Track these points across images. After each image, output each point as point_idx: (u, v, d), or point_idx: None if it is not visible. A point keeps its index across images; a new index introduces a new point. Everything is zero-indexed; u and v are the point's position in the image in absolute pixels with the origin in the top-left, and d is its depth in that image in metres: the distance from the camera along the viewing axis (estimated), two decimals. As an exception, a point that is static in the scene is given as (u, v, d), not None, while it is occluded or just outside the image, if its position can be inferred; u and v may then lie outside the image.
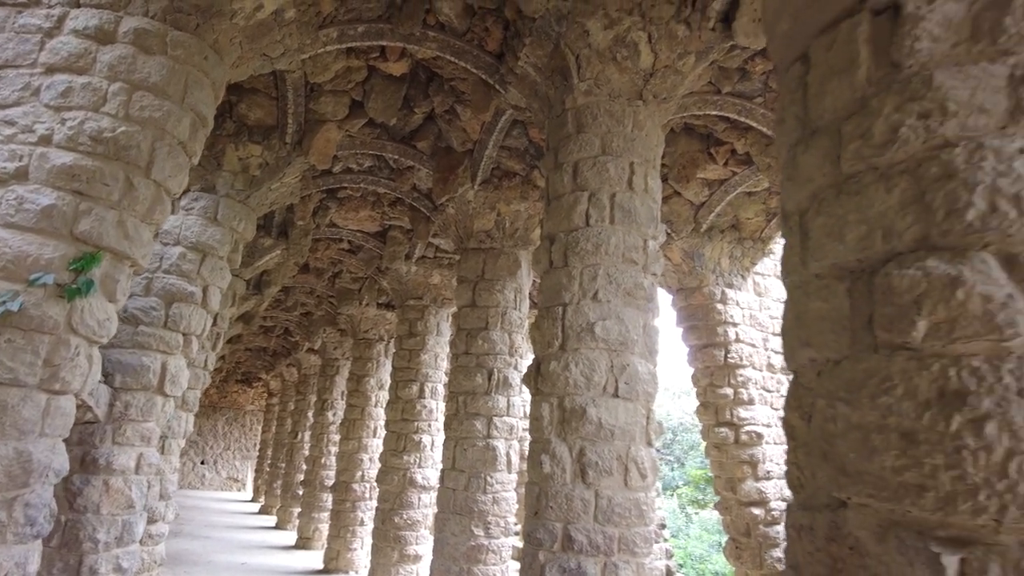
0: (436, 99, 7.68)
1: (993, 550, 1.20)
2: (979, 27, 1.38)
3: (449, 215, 9.26)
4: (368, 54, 6.89)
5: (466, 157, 8.51)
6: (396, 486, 10.47)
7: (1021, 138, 1.29)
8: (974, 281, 1.28)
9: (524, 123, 7.99)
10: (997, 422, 1.21)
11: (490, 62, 6.38)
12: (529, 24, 5.52)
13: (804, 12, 1.76)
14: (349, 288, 14.36)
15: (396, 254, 11.68)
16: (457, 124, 8.10)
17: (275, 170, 7.64)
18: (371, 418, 13.90)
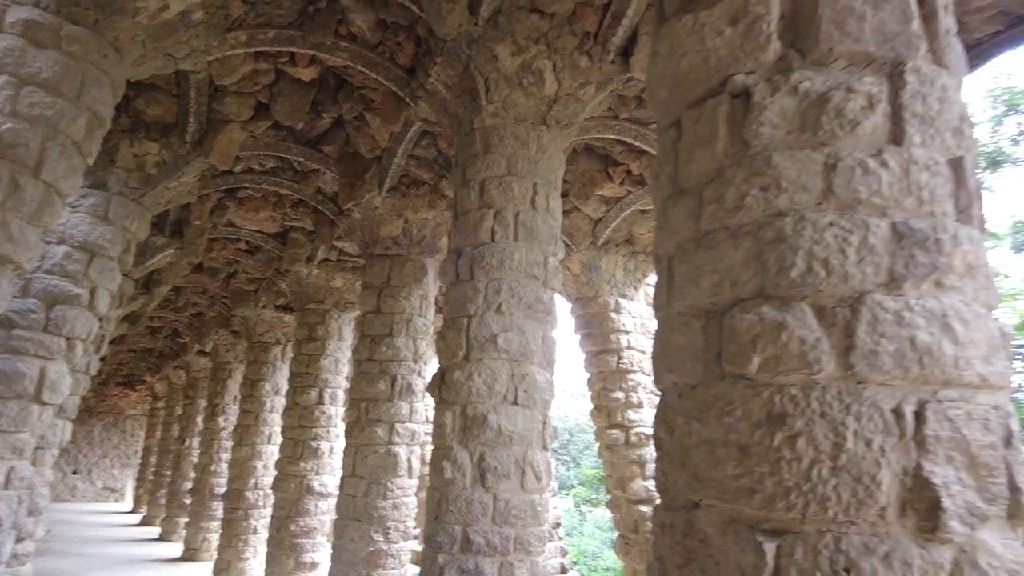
0: (345, 106, 7.70)
1: (799, 537, 1.54)
2: (805, 121, 1.73)
3: (355, 220, 9.25)
4: (277, 58, 6.83)
5: (374, 164, 8.56)
6: (292, 493, 10.30)
7: (831, 213, 1.65)
8: (794, 326, 1.61)
9: (433, 134, 8.16)
10: (805, 438, 1.55)
11: (401, 76, 6.51)
12: (441, 44, 5.71)
13: (679, 86, 2.08)
14: (245, 289, 13.91)
15: (297, 256, 11.47)
16: (366, 131, 8.14)
17: (173, 169, 7.38)
18: (266, 424, 13.52)
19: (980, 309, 1.64)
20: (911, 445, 1.50)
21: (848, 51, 1.74)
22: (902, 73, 1.72)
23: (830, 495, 1.50)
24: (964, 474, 1.50)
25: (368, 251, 9.25)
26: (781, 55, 1.81)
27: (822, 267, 1.61)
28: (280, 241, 11.35)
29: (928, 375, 1.54)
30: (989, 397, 1.60)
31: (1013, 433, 1.60)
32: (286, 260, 11.38)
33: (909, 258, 1.58)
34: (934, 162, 1.67)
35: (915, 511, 1.48)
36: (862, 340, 1.55)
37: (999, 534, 1.52)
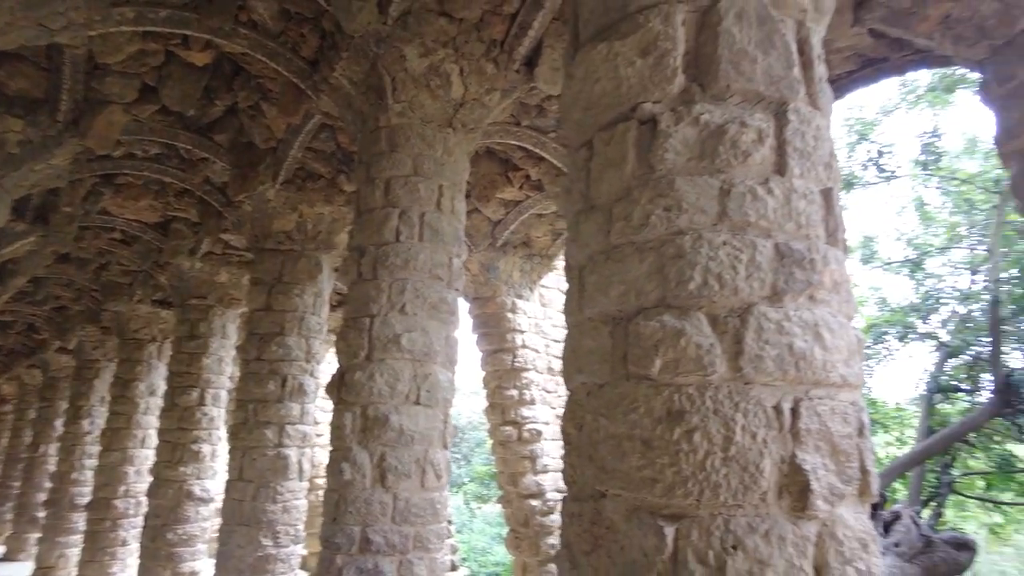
0: (241, 94, 7.39)
1: (695, 521, 1.73)
2: (704, 150, 1.94)
3: (245, 212, 8.88)
4: (168, 39, 6.44)
5: (269, 155, 8.25)
6: (170, 500, 9.70)
7: (724, 233, 1.86)
8: (691, 333, 1.81)
9: (333, 127, 7.99)
10: (701, 432, 1.75)
11: (303, 68, 6.35)
12: (348, 40, 5.63)
13: (592, 108, 2.24)
14: (118, 282, 12.91)
15: (179, 248, 10.82)
16: (261, 121, 7.84)
17: (41, 150, 6.77)
18: (139, 427, 12.62)
19: (843, 319, 1.92)
20: (788, 437, 1.74)
21: (742, 89, 1.97)
22: (786, 112, 1.97)
23: (721, 482, 1.71)
24: (828, 460, 1.76)
25: (259, 245, 8.90)
26: (685, 88, 2.02)
27: (716, 281, 1.82)
28: (161, 232, 10.65)
29: (803, 376, 1.79)
30: (848, 395, 1.87)
31: (865, 424, 1.88)
32: (167, 252, 10.70)
33: (789, 275, 1.82)
34: (810, 191, 1.93)
35: (790, 494, 1.72)
36: (749, 346, 1.77)
37: (852, 509, 1.79)
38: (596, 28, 2.27)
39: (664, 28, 2.04)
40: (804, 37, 2.11)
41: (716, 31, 2.00)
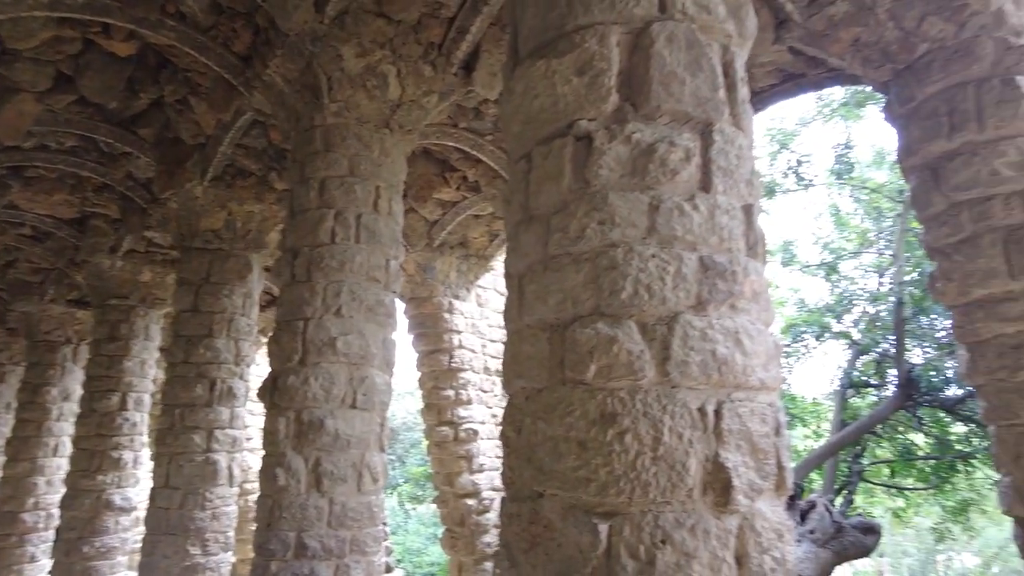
0: (168, 87, 7.11)
1: (627, 518, 1.84)
2: (636, 167, 2.05)
3: (171, 209, 8.55)
4: (87, 27, 6.13)
5: (197, 151, 7.98)
6: (87, 511, 9.23)
7: (654, 247, 1.98)
8: (623, 340, 1.92)
9: (265, 124, 7.80)
10: (632, 434, 1.86)
11: (235, 63, 6.18)
12: (282, 37, 5.53)
13: (531, 123, 2.32)
14: (28, 280, 12.16)
15: (98, 246, 10.30)
16: (189, 116, 7.57)
17: (-58, 140, 6.33)
18: (51, 434, 11.92)
19: (762, 327, 2.07)
20: (712, 437, 1.87)
21: (671, 109, 2.09)
22: (711, 132, 2.10)
23: (651, 481, 1.82)
24: (748, 458, 1.90)
25: (185, 244, 8.59)
26: (618, 107, 2.12)
27: (646, 291, 1.93)
28: (77, 228, 10.11)
29: (725, 380, 1.92)
30: (766, 396, 2.02)
31: (781, 424, 2.04)
32: (84, 250, 10.16)
33: (712, 286, 1.95)
34: (732, 207, 2.07)
35: (713, 490, 1.85)
36: (676, 352, 1.89)
37: (769, 503, 1.94)
38: (535, 44, 2.35)
39: (599, 49, 2.14)
40: (729, 60, 2.26)
41: (648, 53, 2.11)
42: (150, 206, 8.69)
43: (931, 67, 5.24)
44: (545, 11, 2.32)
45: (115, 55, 6.57)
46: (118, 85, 6.86)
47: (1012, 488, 4.84)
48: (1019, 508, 4.79)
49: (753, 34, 2.40)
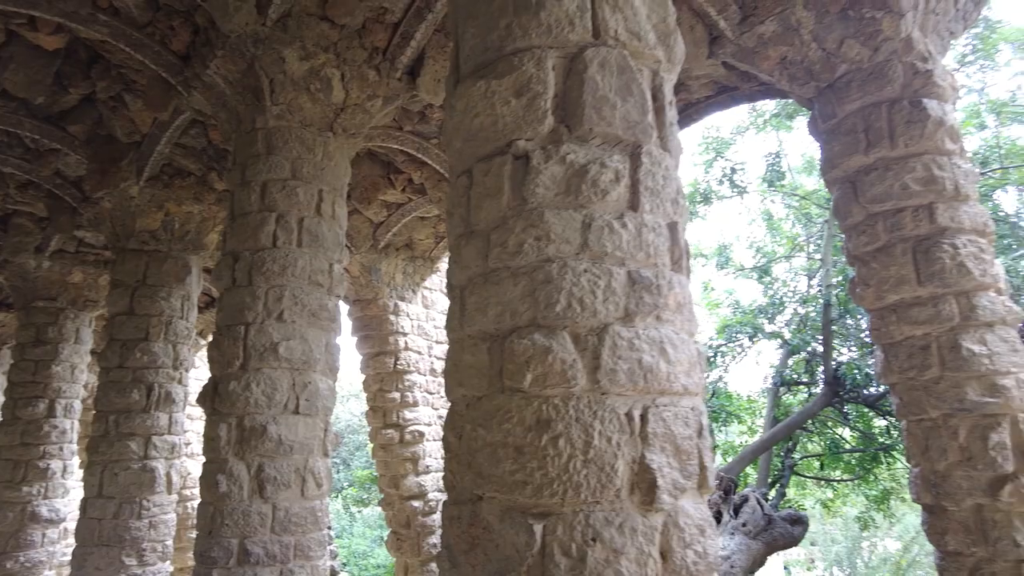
0: (100, 84, 6.88)
1: (560, 518, 1.96)
2: (569, 186, 2.17)
3: (104, 209, 8.27)
4: (10, 18, 5.89)
5: (132, 149, 7.75)
6: (11, 524, 8.81)
7: (586, 262, 2.11)
8: (558, 350, 2.04)
9: (204, 123, 7.64)
10: (565, 438, 1.98)
11: (173, 62, 6.05)
12: (223, 38, 5.45)
13: (472, 140, 2.42)
14: (-56, 281, 11.50)
15: (23, 245, 9.85)
16: (124, 113, 7.35)
17: None
18: (-30, 443, 11.31)
19: (685, 336, 2.22)
20: (638, 440, 2.01)
21: (603, 132, 2.23)
22: (640, 154, 2.25)
23: (582, 482, 1.95)
24: (672, 459, 2.04)
25: (120, 245, 8.32)
26: (554, 128, 2.24)
27: (579, 304, 2.06)
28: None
29: (650, 387, 2.06)
30: (689, 401, 2.18)
31: (704, 426, 2.20)
32: (7, 249, 9.69)
33: (639, 299, 2.09)
34: (658, 225, 2.22)
35: (640, 490, 1.99)
36: (605, 361, 2.02)
37: (692, 501, 2.09)
38: (475, 64, 2.45)
39: (536, 72, 2.25)
40: (658, 85, 2.41)
41: (582, 78, 2.24)
42: (81, 205, 8.37)
43: (850, 86, 5.59)
44: (485, 32, 2.42)
45: (41, 48, 6.32)
46: (45, 79, 6.60)
47: (920, 478, 5.22)
48: (926, 496, 5.17)
49: (681, 59, 2.56)
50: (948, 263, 5.12)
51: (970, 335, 5.06)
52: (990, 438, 4.89)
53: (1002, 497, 4.78)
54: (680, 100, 7.57)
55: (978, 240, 5.22)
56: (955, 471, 5.00)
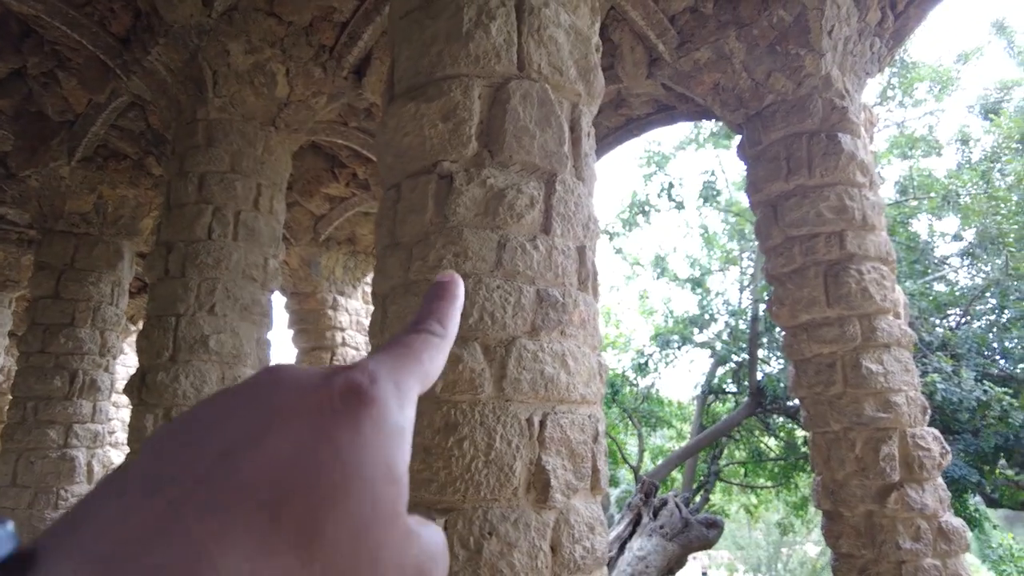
0: (32, 59, 6.67)
1: (461, 513, 2.13)
2: (488, 208, 2.34)
3: (31, 187, 8.00)
4: (-62, -12, 5.67)
5: (64, 128, 7.53)
6: (-86, 510, 8.41)
7: (499, 279, 2.28)
8: (468, 359, 2.21)
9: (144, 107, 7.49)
10: (469, 440, 2.15)
11: (112, 44, 5.94)
12: (166, 25, 5.40)
13: (401, 157, 2.56)
14: None
15: (-61, 220, 9.40)
16: (57, 91, 7.14)
17: None
18: None
19: (587, 350, 2.42)
20: (536, 443, 2.19)
21: (522, 160, 2.40)
22: (554, 182, 2.43)
23: (483, 481, 2.12)
24: (566, 462, 2.24)
25: (47, 226, 8.07)
26: (477, 152, 2.41)
27: (490, 318, 2.23)
28: (-86, 200, 9.15)
29: (550, 395, 2.25)
30: (587, 409, 2.38)
31: (599, 432, 2.40)
32: (-79, 224, 9.23)
33: (545, 315, 2.28)
34: (568, 248, 2.41)
35: (535, 489, 2.17)
36: (511, 371, 2.20)
37: (584, 501, 2.29)
38: (408, 85, 2.59)
39: (463, 99, 2.41)
40: (576, 118, 2.61)
41: (505, 108, 2.41)
42: (5, 182, 8.06)
43: (775, 116, 5.96)
44: (418, 55, 2.56)
45: (-27, 21, 6.10)
46: (-26, 53, 6.37)
47: (821, 486, 5.62)
48: (826, 503, 5.57)
49: (601, 93, 2.76)
50: (854, 287, 5.52)
51: (870, 355, 5.47)
52: (881, 450, 5.31)
53: (888, 504, 5.20)
54: (622, 115, 7.87)
55: (881, 267, 5.65)
56: (851, 480, 5.40)
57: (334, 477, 0.26)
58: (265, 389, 0.29)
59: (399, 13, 2.78)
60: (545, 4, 2.57)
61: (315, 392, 0.29)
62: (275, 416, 0.28)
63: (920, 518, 5.10)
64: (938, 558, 5.07)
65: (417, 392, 0.32)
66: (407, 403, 0.31)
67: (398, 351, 0.33)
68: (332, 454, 0.27)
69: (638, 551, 7.40)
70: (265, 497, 0.25)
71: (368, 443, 0.27)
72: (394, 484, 0.28)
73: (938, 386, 8.19)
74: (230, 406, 0.29)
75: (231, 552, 0.24)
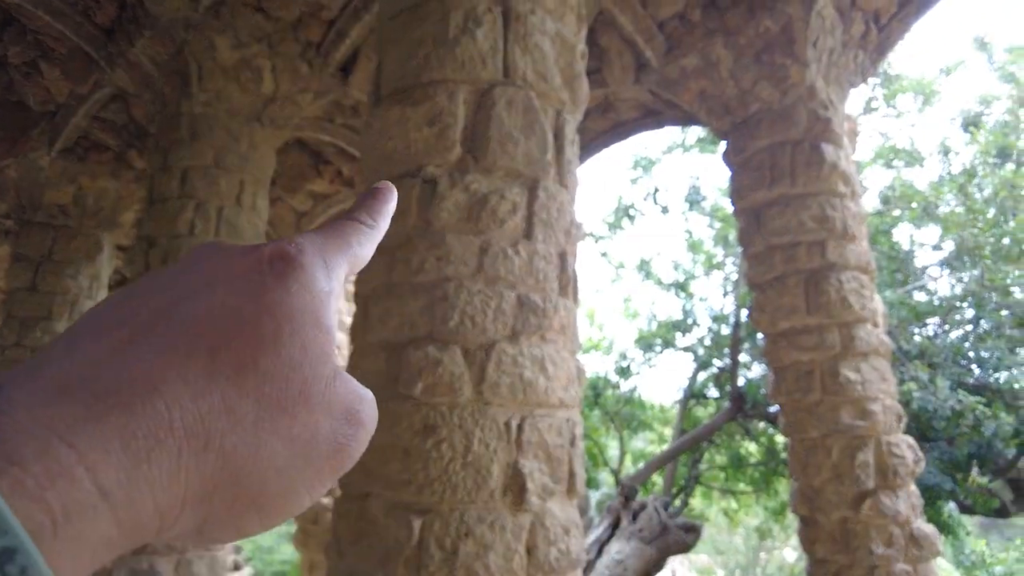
0: (13, 48, 6.58)
1: (438, 514, 2.14)
2: (471, 213, 2.36)
3: (9, 178, 7.89)
4: (-82, -26, 5.59)
5: (45, 119, 7.43)
6: None
7: (480, 284, 2.30)
8: (448, 362, 2.22)
9: (127, 99, 7.41)
10: (448, 443, 2.16)
11: (96, 35, 5.88)
12: (152, 18, 5.35)
13: (386, 160, 2.57)
14: None
15: (-85, 208, 9.22)
16: (39, 81, 7.05)
17: None
18: None
19: (566, 355, 2.44)
20: (513, 447, 2.21)
21: (506, 166, 2.42)
22: (537, 188, 2.45)
23: (460, 483, 2.13)
24: (543, 465, 2.26)
25: (26, 217, 7.96)
26: (461, 158, 2.42)
27: (471, 322, 2.24)
28: None
29: (529, 399, 2.27)
30: (564, 413, 2.40)
31: (576, 436, 2.42)
32: None
33: (525, 320, 2.30)
34: (549, 254, 2.43)
35: (512, 491, 2.19)
36: (490, 375, 2.22)
37: (560, 503, 2.31)
38: (394, 88, 2.60)
39: (448, 104, 2.43)
40: (560, 125, 2.63)
41: (490, 114, 2.43)
42: (-16, 172, 7.94)
43: (760, 125, 6.02)
44: (405, 59, 2.57)
45: (-46, 8, 6.01)
46: (-46, 40, 6.27)
47: (799, 492, 5.69)
48: (803, 508, 5.64)
49: (585, 101, 2.79)
50: (834, 296, 5.59)
51: (848, 363, 5.54)
52: (857, 457, 5.39)
53: (863, 510, 5.28)
54: (609, 119, 7.92)
55: (861, 277, 5.72)
56: (827, 486, 5.47)
57: (265, 323, 0.29)
58: (202, 258, 0.32)
59: (387, 15, 2.78)
60: (531, 11, 2.59)
61: (246, 258, 0.31)
62: (212, 277, 0.30)
63: (893, 524, 5.18)
64: (910, 563, 5.16)
65: (344, 271, 0.35)
66: (334, 277, 0.33)
67: (329, 233, 0.36)
68: (263, 306, 0.29)
69: (616, 554, 7.44)
70: (205, 338, 0.28)
71: (296, 299, 0.30)
72: (321, 331, 0.31)
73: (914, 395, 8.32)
74: (172, 273, 0.32)
75: (176, 381, 0.26)
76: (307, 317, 0.30)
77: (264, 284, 0.30)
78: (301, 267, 0.31)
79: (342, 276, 0.34)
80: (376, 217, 0.39)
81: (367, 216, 0.38)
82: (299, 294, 0.30)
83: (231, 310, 0.29)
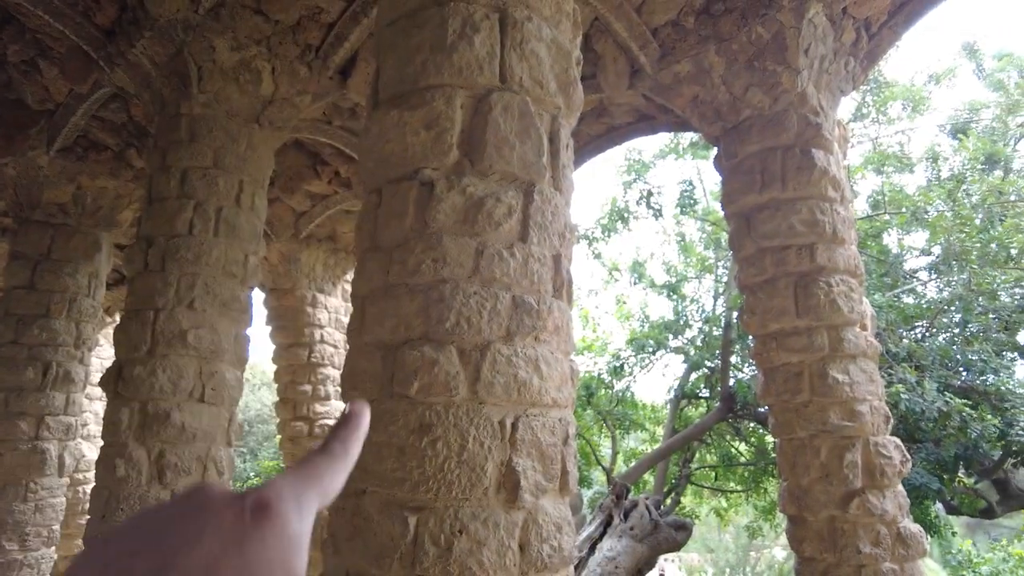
0: (12, 46, 6.61)
1: (432, 511, 2.21)
2: (467, 216, 2.43)
3: (7, 176, 7.90)
4: (-82, -27, 5.61)
5: (43, 117, 7.46)
6: None
7: (476, 285, 2.36)
8: (444, 362, 2.28)
9: (126, 98, 7.44)
10: (443, 441, 2.23)
11: (96, 36, 5.92)
12: (152, 19, 5.40)
13: (383, 163, 2.63)
14: None
15: (-89, 205, 9.22)
16: (38, 80, 7.07)
17: None
18: None
19: (560, 355, 2.51)
20: (507, 445, 2.28)
21: (502, 170, 2.49)
22: (532, 192, 2.52)
23: (455, 481, 2.20)
24: (536, 463, 2.33)
25: (24, 215, 7.98)
26: (458, 161, 2.49)
27: (466, 323, 2.31)
28: None
29: (523, 399, 2.34)
30: (558, 412, 2.47)
31: (569, 435, 2.49)
32: None
33: (520, 321, 2.37)
34: (544, 256, 2.50)
35: (505, 489, 2.26)
36: (485, 375, 2.28)
37: (553, 501, 2.38)
38: (392, 92, 2.67)
39: (446, 109, 2.49)
40: (555, 130, 2.70)
41: (487, 119, 2.50)
42: (-19, 170, 7.96)
43: (751, 130, 6.11)
44: (403, 64, 2.64)
45: (-47, 7, 6.04)
46: (-47, 39, 6.29)
47: (787, 491, 5.77)
48: (791, 508, 5.72)
49: (580, 106, 2.86)
50: (823, 299, 5.67)
51: (836, 365, 5.62)
52: (845, 457, 5.47)
53: (850, 510, 5.36)
54: (604, 123, 7.99)
55: (849, 280, 5.81)
56: (815, 486, 5.55)
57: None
58: (194, 505, 0.38)
59: (385, 20, 2.85)
60: (528, 18, 2.66)
61: (230, 508, 0.38)
62: (201, 530, 0.36)
63: (880, 524, 5.27)
64: (896, 562, 5.24)
65: (316, 505, 0.42)
66: (307, 515, 0.41)
67: (305, 471, 0.43)
68: (243, 563, 0.35)
69: (608, 552, 7.52)
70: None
71: (270, 550, 0.37)
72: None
73: (902, 396, 8.42)
74: (165, 519, 0.38)
75: None
76: (275, 566, 0.37)
77: (245, 534, 0.36)
78: (277, 515, 0.38)
79: (314, 511, 0.42)
80: (347, 444, 0.46)
81: (339, 445, 0.46)
82: (273, 544, 0.37)
83: (213, 568, 0.35)
